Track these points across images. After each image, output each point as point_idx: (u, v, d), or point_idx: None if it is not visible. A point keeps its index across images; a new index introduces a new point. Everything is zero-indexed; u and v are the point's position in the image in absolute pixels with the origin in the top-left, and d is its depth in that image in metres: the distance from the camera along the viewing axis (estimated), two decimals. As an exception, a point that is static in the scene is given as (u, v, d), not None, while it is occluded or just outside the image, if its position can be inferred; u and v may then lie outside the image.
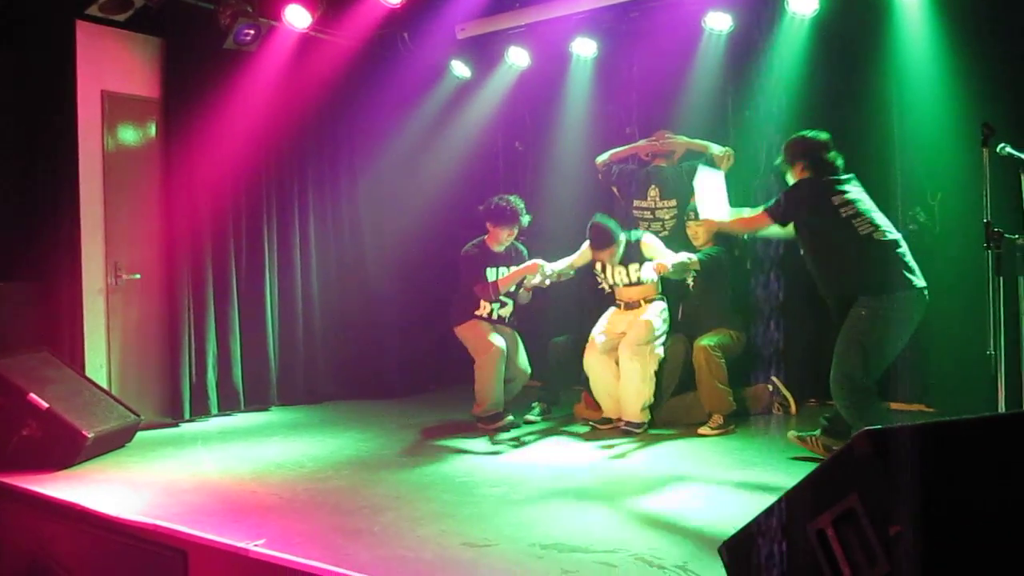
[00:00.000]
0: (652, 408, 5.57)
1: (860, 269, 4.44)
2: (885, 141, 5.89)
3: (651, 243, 5.65)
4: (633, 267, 5.71)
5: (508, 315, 6.03)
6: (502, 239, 5.94)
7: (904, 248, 4.50)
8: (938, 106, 5.55)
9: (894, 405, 5.92)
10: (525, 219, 5.97)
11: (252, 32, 6.36)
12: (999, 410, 3.74)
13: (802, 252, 4.74)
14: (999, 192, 3.86)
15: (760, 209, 4.82)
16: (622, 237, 5.67)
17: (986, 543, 2.13)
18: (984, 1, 5.40)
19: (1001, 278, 3.73)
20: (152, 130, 6.44)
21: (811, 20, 5.84)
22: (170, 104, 6.42)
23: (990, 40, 5.36)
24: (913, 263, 4.48)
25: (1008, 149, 3.91)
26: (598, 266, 5.89)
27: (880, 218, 4.53)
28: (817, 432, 4.63)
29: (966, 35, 5.43)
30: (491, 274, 5.89)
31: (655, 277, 5.57)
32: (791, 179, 4.79)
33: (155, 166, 6.41)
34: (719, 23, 6.15)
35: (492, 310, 5.95)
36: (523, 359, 6.02)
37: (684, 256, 5.43)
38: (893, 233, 4.52)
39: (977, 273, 4.17)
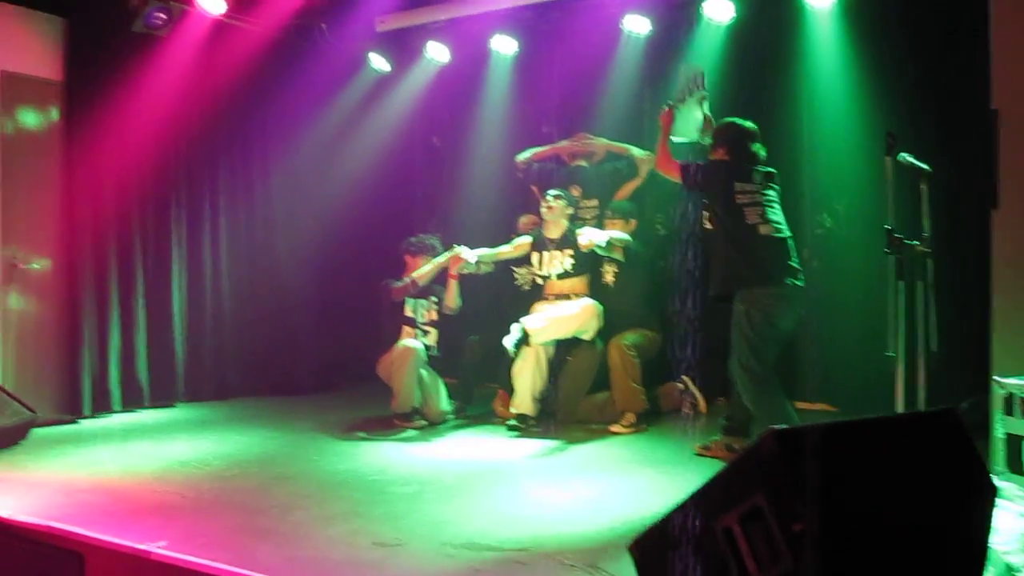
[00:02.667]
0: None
1: (740, 261, 4.55)
2: (795, 147, 6.05)
3: (587, 231, 5.72)
4: (567, 252, 5.77)
5: (433, 345, 6.05)
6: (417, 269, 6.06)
7: (791, 250, 4.62)
8: (846, 115, 5.74)
9: (799, 404, 6.08)
10: (441, 250, 6.13)
11: (163, 16, 6.16)
12: (897, 410, 3.87)
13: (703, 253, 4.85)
14: (901, 199, 4.00)
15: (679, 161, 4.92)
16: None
17: (885, 539, 2.19)
18: (891, 16, 5.60)
19: (901, 282, 3.86)
20: (54, 114, 6.18)
21: (727, 27, 5.96)
22: (74, 87, 6.16)
23: (895, 54, 5.57)
24: (797, 265, 4.61)
25: (909, 158, 4.05)
26: (533, 257, 5.93)
27: (775, 215, 4.63)
28: (718, 436, 4.74)
29: (873, 48, 5.63)
30: (408, 303, 6.01)
31: (592, 240, 5.57)
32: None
33: (57, 152, 6.14)
34: (638, 26, 6.23)
35: (415, 318, 6.02)
36: (443, 401, 6.00)
37: (617, 233, 5.53)
38: (783, 233, 4.63)
39: (879, 277, 4.30)
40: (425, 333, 6.04)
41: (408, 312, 6.03)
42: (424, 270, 5.95)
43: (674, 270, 6.11)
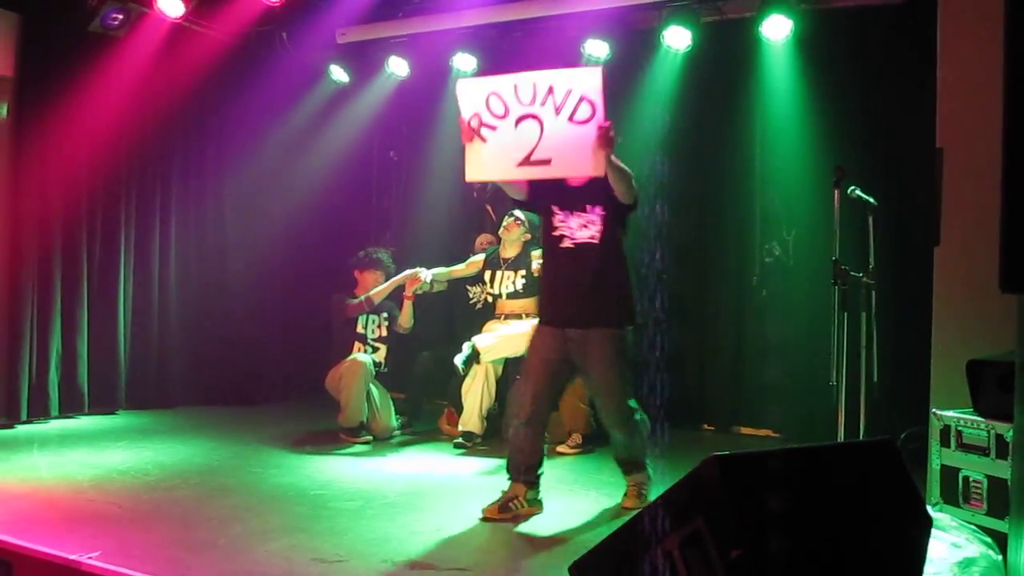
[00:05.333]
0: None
1: (629, 295, 4.24)
2: (747, 176, 6.16)
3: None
4: (520, 273, 5.78)
5: (381, 361, 6.03)
6: (368, 285, 6.05)
7: None
8: (797, 147, 5.85)
9: (744, 430, 6.17)
10: (390, 265, 6.15)
11: (120, 17, 6.07)
12: (839, 438, 3.94)
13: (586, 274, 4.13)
14: (848, 231, 4.09)
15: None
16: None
17: (822, 566, 2.23)
18: (842, 53, 5.74)
19: (846, 313, 3.94)
20: (3, 111, 6.04)
21: (684, 54, 6.05)
22: (25, 84, 6.03)
23: (846, 89, 5.71)
24: None
25: (858, 192, 4.15)
26: (487, 275, 5.94)
27: None
28: (627, 483, 4.32)
29: (825, 83, 5.76)
30: (361, 322, 6.01)
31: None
32: None
33: (3, 149, 6.00)
34: (597, 50, 6.29)
35: (366, 334, 6.00)
36: (391, 416, 5.95)
37: None
38: None
39: (824, 307, 4.38)
40: (375, 349, 6.01)
41: (359, 328, 6.01)
42: (380, 289, 5.94)
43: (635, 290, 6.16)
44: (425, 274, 5.89)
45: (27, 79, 6.04)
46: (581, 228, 4.06)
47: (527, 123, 3.75)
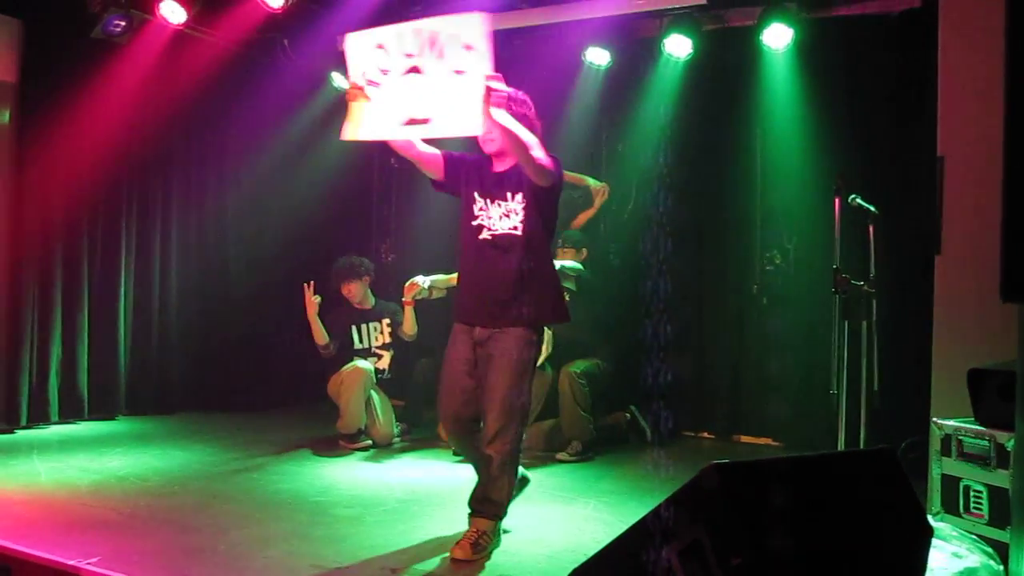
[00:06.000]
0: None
1: (550, 294, 3.81)
2: (748, 184, 6.17)
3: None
4: None
5: (385, 368, 6.03)
6: (356, 294, 6.02)
7: None
8: (798, 155, 5.85)
9: (744, 438, 6.16)
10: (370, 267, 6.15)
11: (123, 24, 6.07)
12: (839, 447, 3.93)
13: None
14: (849, 240, 4.09)
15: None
16: None
17: (822, 574, 2.22)
18: (844, 61, 5.75)
19: (846, 322, 3.93)
20: (5, 116, 6.05)
21: (684, 62, 6.06)
22: (27, 90, 6.04)
23: (848, 97, 5.72)
24: None
25: (858, 200, 4.14)
26: None
27: None
28: (468, 525, 3.66)
29: (826, 91, 5.76)
30: (355, 332, 6.00)
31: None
32: None
33: (5, 154, 6.00)
34: (599, 58, 6.31)
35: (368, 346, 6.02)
36: (391, 423, 5.92)
37: (569, 262, 5.59)
38: None
39: (825, 316, 4.38)
40: (378, 357, 6.00)
41: (357, 345, 5.99)
42: (320, 332, 5.84)
43: (626, 299, 6.16)
44: (422, 280, 5.85)
45: (29, 85, 6.05)
46: (502, 218, 3.67)
47: (411, 77, 3.32)
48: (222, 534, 3.76)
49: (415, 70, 3.30)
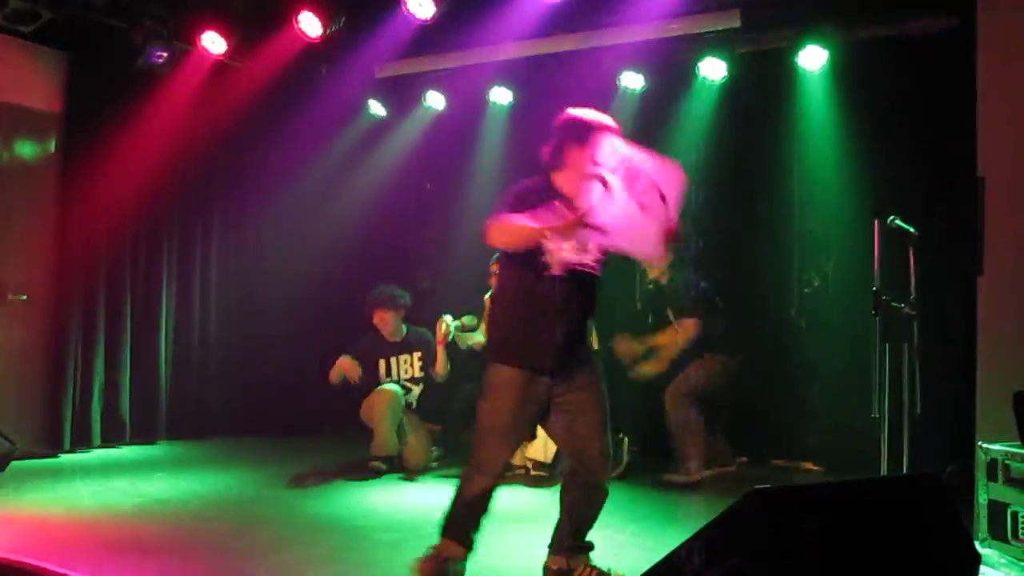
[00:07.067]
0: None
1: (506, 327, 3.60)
2: (786, 206, 6.13)
3: None
4: None
5: (414, 401, 6.02)
6: (389, 325, 5.96)
7: None
8: (836, 176, 5.81)
9: (781, 462, 6.07)
10: (404, 299, 6.02)
11: (165, 55, 6.20)
12: (882, 472, 3.87)
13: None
14: (889, 262, 4.04)
15: None
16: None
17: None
18: (881, 81, 5.70)
19: (887, 344, 3.88)
20: (52, 146, 6.21)
21: (719, 85, 6.06)
22: (72, 121, 6.22)
23: (885, 118, 5.66)
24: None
25: (898, 221, 4.10)
26: None
27: None
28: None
29: (864, 112, 5.73)
30: (383, 366, 5.93)
31: None
32: None
33: (51, 183, 6.17)
34: (633, 82, 6.32)
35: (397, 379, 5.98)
36: (426, 447, 5.90)
37: None
38: None
39: (865, 338, 4.33)
40: (407, 391, 5.96)
41: (383, 377, 5.94)
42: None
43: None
44: (449, 320, 5.79)
45: (74, 115, 6.22)
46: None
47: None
48: (262, 558, 3.78)
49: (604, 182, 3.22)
